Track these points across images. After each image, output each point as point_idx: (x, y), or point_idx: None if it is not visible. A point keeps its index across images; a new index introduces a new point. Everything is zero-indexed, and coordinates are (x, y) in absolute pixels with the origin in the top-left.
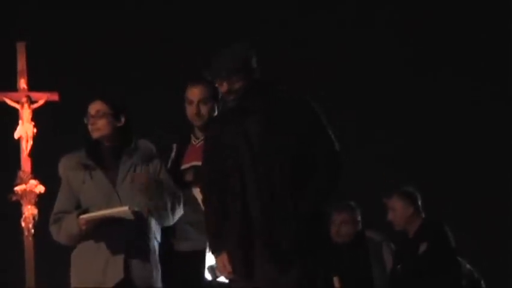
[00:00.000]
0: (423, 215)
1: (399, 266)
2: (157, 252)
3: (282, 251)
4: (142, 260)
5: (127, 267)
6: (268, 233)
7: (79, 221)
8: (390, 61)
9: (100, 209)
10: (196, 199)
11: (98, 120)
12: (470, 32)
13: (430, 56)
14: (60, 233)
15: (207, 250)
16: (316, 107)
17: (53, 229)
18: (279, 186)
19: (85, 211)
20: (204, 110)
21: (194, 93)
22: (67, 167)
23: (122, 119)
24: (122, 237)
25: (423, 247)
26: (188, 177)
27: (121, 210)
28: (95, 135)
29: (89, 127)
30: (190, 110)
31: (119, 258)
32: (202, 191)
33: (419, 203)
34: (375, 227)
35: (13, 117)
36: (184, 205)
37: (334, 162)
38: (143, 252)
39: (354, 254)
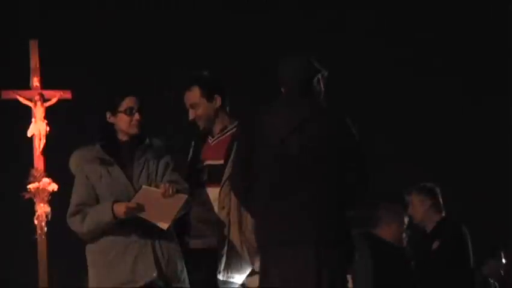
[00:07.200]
0: (443, 213)
1: (412, 263)
2: (179, 249)
3: None
4: (170, 257)
5: (157, 265)
6: None
7: (118, 207)
8: (395, 62)
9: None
10: (209, 198)
11: (140, 115)
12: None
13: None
14: (85, 222)
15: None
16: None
17: (74, 220)
18: None
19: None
20: (195, 113)
21: (185, 99)
22: (82, 159)
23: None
24: (148, 234)
25: (435, 245)
26: (203, 176)
27: (179, 196)
28: (136, 131)
29: (129, 121)
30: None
31: (149, 256)
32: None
33: (439, 199)
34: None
35: (26, 115)
36: (198, 204)
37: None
38: (171, 248)
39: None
